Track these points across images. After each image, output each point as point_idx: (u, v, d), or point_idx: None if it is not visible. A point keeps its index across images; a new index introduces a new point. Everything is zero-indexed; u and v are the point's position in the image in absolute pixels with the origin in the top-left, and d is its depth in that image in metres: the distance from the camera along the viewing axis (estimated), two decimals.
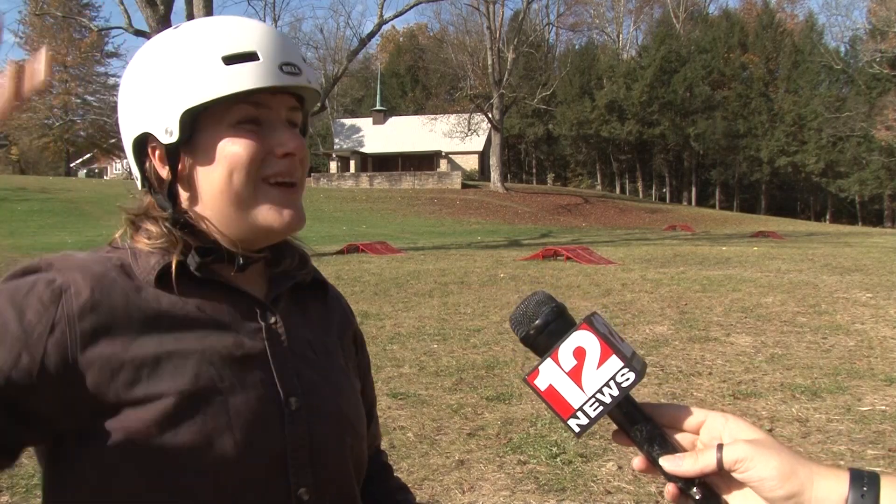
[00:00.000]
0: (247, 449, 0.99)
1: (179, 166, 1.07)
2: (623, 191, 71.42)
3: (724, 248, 20.67)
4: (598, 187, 70.87)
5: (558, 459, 4.47)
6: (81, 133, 68.50)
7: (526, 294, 0.87)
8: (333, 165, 63.97)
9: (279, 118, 1.08)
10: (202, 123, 1.04)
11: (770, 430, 4.97)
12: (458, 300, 10.78)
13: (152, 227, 1.08)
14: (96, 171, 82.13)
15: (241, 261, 1.09)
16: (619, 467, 4.32)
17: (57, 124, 66.22)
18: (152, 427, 0.95)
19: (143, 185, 1.12)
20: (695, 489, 0.80)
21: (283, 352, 1.09)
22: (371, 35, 28.15)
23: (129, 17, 22.27)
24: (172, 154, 1.06)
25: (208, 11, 18.95)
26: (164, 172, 1.08)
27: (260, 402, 1.02)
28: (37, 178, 55.99)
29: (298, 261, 1.20)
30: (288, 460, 1.02)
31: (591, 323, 0.82)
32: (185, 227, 1.08)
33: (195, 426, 0.97)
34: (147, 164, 1.10)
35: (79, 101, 68.21)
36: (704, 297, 10.87)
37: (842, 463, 4.38)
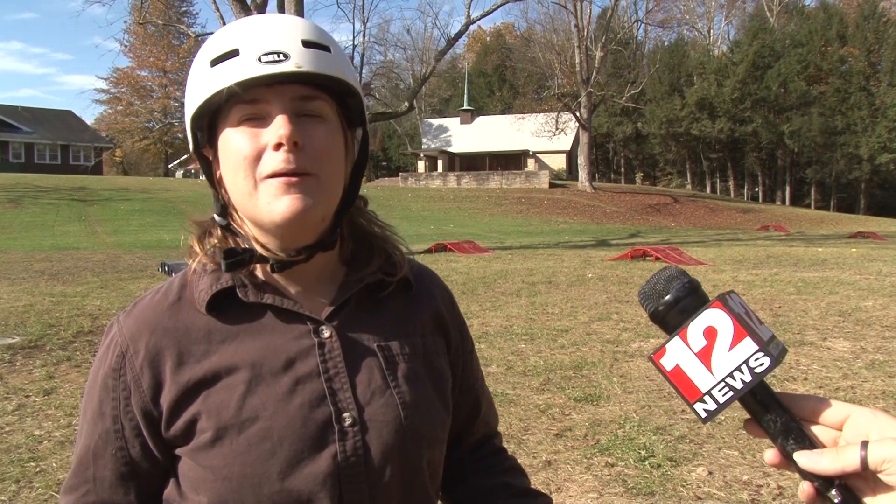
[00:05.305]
0: (292, 471, 1.01)
1: (217, 173, 1.08)
2: (714, 190, 69.84)
3: (820, 250, 20.02)
4: (688, 186, 69.50)
5: (647, 463, 4.44)
6: (179, 135, 71.02)
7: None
8: (421, 165, 64.53)
9: (279, 110, 1.01)
10: (217, 129, 1.05)
11: None
12: (545, 300, 10.76)
13: (215, 242, 1.11)
14: (192, 171, 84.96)
15: (275, 264, 1.08)
16: (710, 472, 4.27)
17: (157, 127, 68.83)
18: (192, 455, 1.04)
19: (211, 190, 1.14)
20: (834, 490, 0.72)
21: (337, 367, 1.08)
22: (458, 35, 28.23)
23: (223, 22, 22.87)
24: (202, 161, 1.09)
25: (299, 14, 19.37)
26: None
27: (307, 425, 1.03)
28: (138, 178, 58.32)
29: (384, 263, 1.17)
30: (340, 476, 1.03)
31: (724, 301, 0.76)
32: (233, 232, 1.11)
33: (237, 455, 1.01)
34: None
35: (177, 104, 70.73)
36: (799, 299, 10.57)
37: None
